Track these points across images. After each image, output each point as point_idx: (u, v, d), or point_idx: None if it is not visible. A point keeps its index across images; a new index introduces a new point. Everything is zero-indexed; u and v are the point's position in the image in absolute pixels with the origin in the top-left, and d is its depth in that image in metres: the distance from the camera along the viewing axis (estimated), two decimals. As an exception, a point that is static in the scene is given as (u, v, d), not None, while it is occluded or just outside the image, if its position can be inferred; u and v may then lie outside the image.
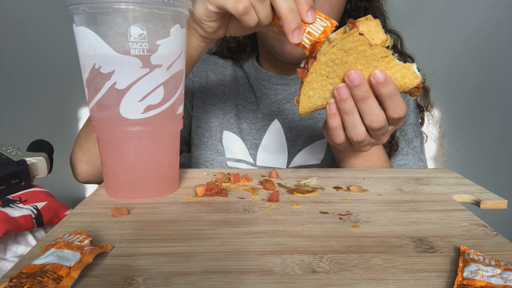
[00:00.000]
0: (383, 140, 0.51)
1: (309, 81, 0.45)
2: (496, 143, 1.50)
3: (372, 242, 0.37)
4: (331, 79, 0.45)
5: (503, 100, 1.46)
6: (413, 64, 0.44)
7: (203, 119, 0.82)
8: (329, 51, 0.43)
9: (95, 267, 0.32)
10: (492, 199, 0.47)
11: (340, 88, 0.45)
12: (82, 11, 0.41)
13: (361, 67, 0.44)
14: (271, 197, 0.47)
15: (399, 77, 0.44)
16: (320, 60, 0.43)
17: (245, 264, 0.33)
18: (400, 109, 0.46)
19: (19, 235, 0.46)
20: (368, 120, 0.46)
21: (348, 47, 0.42)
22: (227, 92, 0.84)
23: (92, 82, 0.44)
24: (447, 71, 1.36)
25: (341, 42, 0.42)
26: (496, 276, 0.29)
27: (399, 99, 0.45)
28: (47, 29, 1.39)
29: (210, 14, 0.50)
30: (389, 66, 0.44)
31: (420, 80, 0.45)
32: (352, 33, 0.41)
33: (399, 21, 0.87)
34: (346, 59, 0.43)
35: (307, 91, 0.46)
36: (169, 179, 0.50)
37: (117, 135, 0.45)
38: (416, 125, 0.80)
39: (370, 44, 0.42)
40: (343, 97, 0.45)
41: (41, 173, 0.54)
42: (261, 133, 0.79)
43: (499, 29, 1.38)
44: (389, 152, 0.78)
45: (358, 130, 0.47)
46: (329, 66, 0.44)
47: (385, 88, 0.44)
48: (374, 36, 0.43)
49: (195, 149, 0.82)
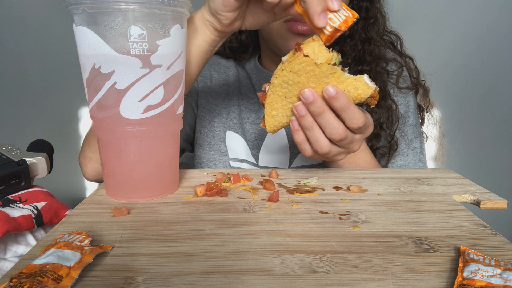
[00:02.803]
0: (354, 148, 0.52)
1: (269, 103, 0.48)
2: (496, 143, 1.50)
3: (372, 242, 0.37)
4: (289, 98, 0.48)
5: (503, 100, 1.46)
6: (363, 75, 0.46)
7: (207, 119, 0.82)
8: (280, 74, 0.46)
9: (95, 267, 0.32)
10: (492, 199, 0.47)
11: (297, 106, 0.47)
12: (82, 11, 0.41)
13: (313, 84, 0.46)
14: (271, 197, 0.47)
15: (352, 89, 0.46)
16: (274, 83, 0.47)
17: (245, 264, 0.33)
18: (357, 120, 0.47)
19: (19, 235, 0.46)
20: (328, 133, 0.48)
21: (296, 69, 0.45)
22: (230, 92, 0.84)
23: (92, 82, 0.44)
24: (446, 71, 1.36)
25: (289, 65, 0.45)
26: (496, 276, 0.29)
27: (353, 110, 0.47)
28: (47, 29, 1.38)
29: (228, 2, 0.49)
30: (340, 81, 0.46)
31: (373, 89, 0.46)
32: (297, 56, 0.44)
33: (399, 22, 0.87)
34: (298, 79, 0.46)
35: (269, 111, 0.49)
36: (169, 179, 0.50)
37: (117, 135, 0.45)
38: (416, 126, 0.80)
39: (316, 64, 0.44)
40: (301, 114, 0.47)
41: (41, 173, 0.54)
42: (263, 134, 0.79)
43: (499, 29, 1.38)
44: (389, 152, 0.78)
45: (321, 143, 0.49)
46: (284, 87, 0.47)
47: (337, 102, 0.46)
48: (319, 56, 0.45)
49: (199, 149, 0.82)
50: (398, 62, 0.81)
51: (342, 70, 0.46)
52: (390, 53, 0.83)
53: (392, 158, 0.78)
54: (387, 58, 0.80)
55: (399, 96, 0.80)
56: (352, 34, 0.79)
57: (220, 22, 0.53)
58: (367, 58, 0.78)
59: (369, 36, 0.78)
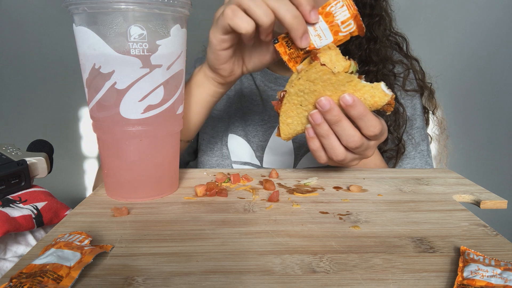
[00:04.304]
0: (368, 154, 0.52)
1: (284, 111, 0.48)
2: (496, 143, 1.50)
3: (372, 242, 0.37)
4: (305, 106, 0.48)
5: (503, 100, 1.46)
6: (380, 83, 0.46)
7: (209, 125, 0.82)
8: (296, 83, 0.46)
9: (95, 267, 0.32)
10: (492, 199, 0.47)
11: (313, 114, 0.47)
12: (82, 11, 0.41)
13: (330, 93, 0.46)
14: (271, 197, 0.47)
15: (368, 97, 0.46)
16: (290, 91, 0.47)
17: (245, 264, 0.33)
18: (374, 127, 0.47)
19: (19, 235, 0.46)
20: (344, 141, 0.48)
21: (313, 78, 0.45)
22: (231, 95, 0.84)
23: (92, 82, 0.44)
24: (447, 72, 1.36)
25: (306, 74, 0.45)
26: (496, 276, 0.29)
27: (370, 117, 0.46)
28: (47, 29, 1.39)
29: (218, 55, 0.52)
30: (357, 89, 0.45)
31: (389, 96, 0.46)
32: (314, 65, 0.44)
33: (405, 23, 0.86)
34: (314, 87, 0.45)
35: (284, 119, 0.49)
36: (169, 179, 0.50)
37: (117, 135, 0.45)
38: (423, 128, 0.80)
39: (333, 73, 0.44)
40: (317, 122, 0.47)
41: (41, 173, 0.54)
42: (267, 135, 0.79)
43: (502, 29, 1.38)
44: (396, 155, 0.77)
45: (337, 151, 0.49)
46: (300, 96, 0.47)
47: (354, 110, 0.45)
48: (336, 65, 0.45)
49: (202, 155, 0.82)
50: (404, 64, 0.80)
51: (358, 78, 0.45)
52: (396, 55, 0.82)
53: (399, 161, 0.78)
54: (393, 60, 0.79)
55: (406, 98, 0.80)
56: None
57: (221, 75, 0.56)
58: (373, 58, 0.77)
59: (374, 35, 0.78)
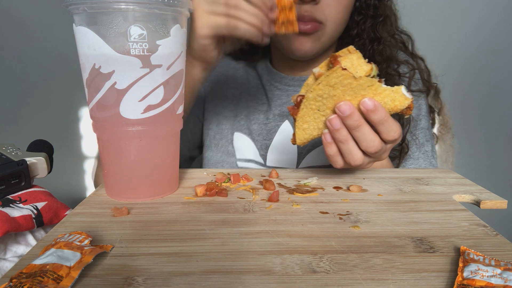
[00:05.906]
0: (383, 157, 0.52)
1: (301, 116, 0.47)
2: (496, 143, 1.50)
3: (372, 242, 0.37)
4: (323, 111, 0.46)
5: (503, 100, 1.46)
6: (401, 86, 0.45)
7: (214, 122, 0.82)
8: (315, 88, 0.44)
9: (95, 267, 0.32)
10: (492, 199, 0.47)
11: (332, 119, 0.46)
12: (82, 11, 0.41)
13: (349, 97, 0.45)
14: (271, 197, 0.47)
15: (389, 101, 0.45)
16: (309, 97, 0.45)
17: (245, 264, 0.33)
18: (394, 132, 0.46)
19: (19, 235, 0.46)
20: (364, 146, 0.47)
21: (333, 82, 0.43)
22: (238, 94, 0.84)
23: (92, 82, 0.44)
24: (449, 72, 1.36)
25: (326, 79, 0.43)
26: (496, 276, 0.29)
27: (391, 122, 0.46)
28: (47, 29, 1.39)
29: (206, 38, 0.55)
30: (377, 93, 0.45)
31: (410, 100, 0.45)
32: (335, 69, 0.43)
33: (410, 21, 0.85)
34: (334, 92, 0.44)
35: (301, 125, 0.48)
36: (169, 179, 0.50)
37: (117, 135, 0.45)
38: (428, 129, 0.79)
39: (354, 77, 0.43)
40: (336, 127, 0.46)
41: (41, 173, 0.54)
42: (271, 134, 0.79)
43: (504, 29, 1.38)
44: (399, 155, 0.77)
45: (355, 156, 0.48)
46: (318, 101, 0.45)
47: (375, 115, 0.45)
48: (358, 69, 0.44)
49: (206, 150, 0.82)
50: (410, 64, 0.79)
51: (379, 82, 0.44)
52: (401, 54, 0.81)
53: (403, 162, 0.77)
54: (398, 60, 0.78)
55: None
56: (360, 33, 0.77)
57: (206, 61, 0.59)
58: (377, 59, 0.76)
59: (378, 36, 0.76)
